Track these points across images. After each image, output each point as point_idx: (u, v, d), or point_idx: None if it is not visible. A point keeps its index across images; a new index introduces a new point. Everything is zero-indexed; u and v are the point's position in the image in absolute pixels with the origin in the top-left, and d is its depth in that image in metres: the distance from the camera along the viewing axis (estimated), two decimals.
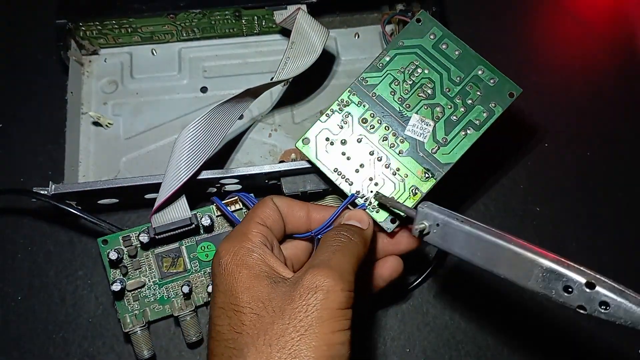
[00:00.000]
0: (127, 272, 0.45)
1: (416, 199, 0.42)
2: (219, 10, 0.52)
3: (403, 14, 0.52)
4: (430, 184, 0.42)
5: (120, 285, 0.44)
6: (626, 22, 0.58)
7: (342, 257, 0.35)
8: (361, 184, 0.43)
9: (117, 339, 0.47)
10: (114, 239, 0.44)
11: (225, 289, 0.34)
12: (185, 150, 0.43)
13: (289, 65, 0.49)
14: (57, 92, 0.53)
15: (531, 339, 0.47)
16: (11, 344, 0.47)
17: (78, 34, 0.52)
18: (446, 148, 0.42)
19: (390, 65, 0.44)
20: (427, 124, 0.43)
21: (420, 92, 0.44)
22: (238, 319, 0.33)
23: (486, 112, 0.42)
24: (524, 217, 0.51)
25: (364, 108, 0.44)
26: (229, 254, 0.35)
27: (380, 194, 0.42)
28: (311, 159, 0.44)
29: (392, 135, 0.43)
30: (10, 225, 0.50)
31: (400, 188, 0.42)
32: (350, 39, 0.55)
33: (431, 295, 0.48)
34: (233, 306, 0.33)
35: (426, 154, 0.43)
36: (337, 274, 0.33)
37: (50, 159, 0.51)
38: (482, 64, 0.43)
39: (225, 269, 0.35)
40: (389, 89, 0.44)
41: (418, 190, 0.42)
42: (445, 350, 0.47)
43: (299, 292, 0.32)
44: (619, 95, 0.55)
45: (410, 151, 0.43)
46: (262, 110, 0.52)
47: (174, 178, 0.43)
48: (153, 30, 0.53)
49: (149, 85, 0.53)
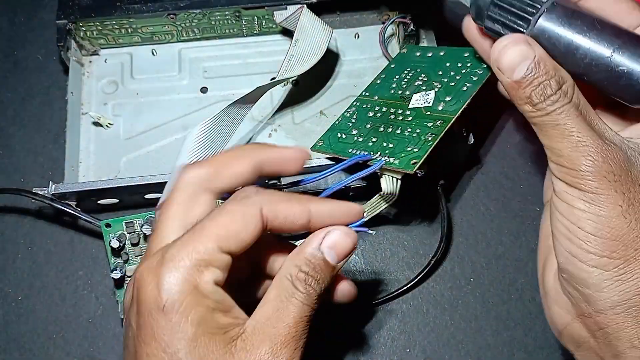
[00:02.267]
0: (128, 259, 0.45)
1: (433, 141, 0.40)
2: (219, 10, 0.52)
3: (403, 16, 0.52)
4: (444, 127, 0.41)
5: (120, 274, 0.44)
6: None
7: (287, 317, 0.31)
8: (377, 150, 0.42)
9: (117, 339, 0.47)
10: (117, 222, 0.44)
11: (164, 345, 0.29)
12: (196, 147, 0.42)
13: (293, 63, 0.49)
14: (57, 92, 0.54)
15: (531, 338, 0.47)
16: (11, 344, 0.47)
17: (78, 34, 0.52)
18: (451, 101, 0.43)
19: (386, 77, 0.49)
20: (428, 94, 0.44)
21: (417, 82, 0.46)
22: None
23: (480, 70, 0.43)
24: (524, 217, 0.50)
25: (369, 107, 0.47)
26: (172, 294, 0.29)
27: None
28: (327, 153, 0.45)
29: (398, 111, 0.45)
30: (11, 225, 0.50)
31: (415, 140, 0.41)
32: (350, 39, 0.55)
33: (431, 295, 0.48)
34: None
35: (433, 111, 0.43)
36: (275, 343, 0.30)
37: (51, 159, 0.52)
38: (467, 50, 0.45)
39: (169, 316, 0.29)
40: (389, 89, 0.47)
41: (433, 135, 0.41)
42: (445, 350, 0.47)
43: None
44: None
45: (418, 115, 0.43)
46: (262, 111, 0.52)
47: None
48: (153, 31, 0.53)
49: (149, 86, 0.53)
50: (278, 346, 0.30)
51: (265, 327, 0.31)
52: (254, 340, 0.30)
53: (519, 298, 0.48)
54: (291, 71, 0.48)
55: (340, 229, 0.34)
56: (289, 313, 0.31)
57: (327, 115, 0.52)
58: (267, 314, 0.31)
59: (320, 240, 0.33)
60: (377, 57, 0.54)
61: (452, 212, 0.50)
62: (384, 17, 0.55)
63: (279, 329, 0.31)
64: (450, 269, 0.49)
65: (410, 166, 0.39)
